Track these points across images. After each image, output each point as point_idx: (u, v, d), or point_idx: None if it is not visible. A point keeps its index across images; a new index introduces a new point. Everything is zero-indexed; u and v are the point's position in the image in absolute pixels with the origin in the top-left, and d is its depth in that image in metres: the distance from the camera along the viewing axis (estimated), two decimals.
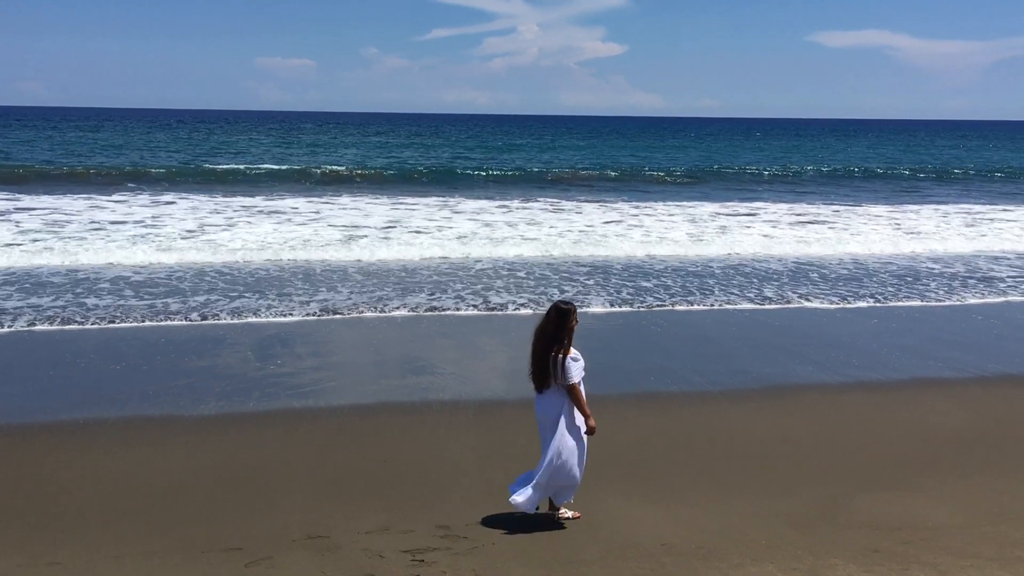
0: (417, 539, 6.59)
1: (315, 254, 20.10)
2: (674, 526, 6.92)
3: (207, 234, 22.93)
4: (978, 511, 7.30)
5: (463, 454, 8.52)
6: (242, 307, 14.72)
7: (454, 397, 10.38)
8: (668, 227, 26.14)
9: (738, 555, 6.38)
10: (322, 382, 10.84)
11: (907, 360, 12.28)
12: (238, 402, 10.05)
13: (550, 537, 6.69)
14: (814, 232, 25.83)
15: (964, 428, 9.49)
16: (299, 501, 7.34)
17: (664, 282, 17.77)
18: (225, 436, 9.00)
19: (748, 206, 33.18)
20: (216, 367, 11.42)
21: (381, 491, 7.58)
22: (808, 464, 8.37)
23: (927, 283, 18.29)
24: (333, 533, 6.71)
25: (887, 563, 6.25)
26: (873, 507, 7.35)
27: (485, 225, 26.06)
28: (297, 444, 8.76)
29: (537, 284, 17.30)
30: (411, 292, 16.21)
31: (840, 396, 10.65)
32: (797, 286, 17.52)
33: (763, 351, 12.65)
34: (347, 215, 27.98)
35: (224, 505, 7.26)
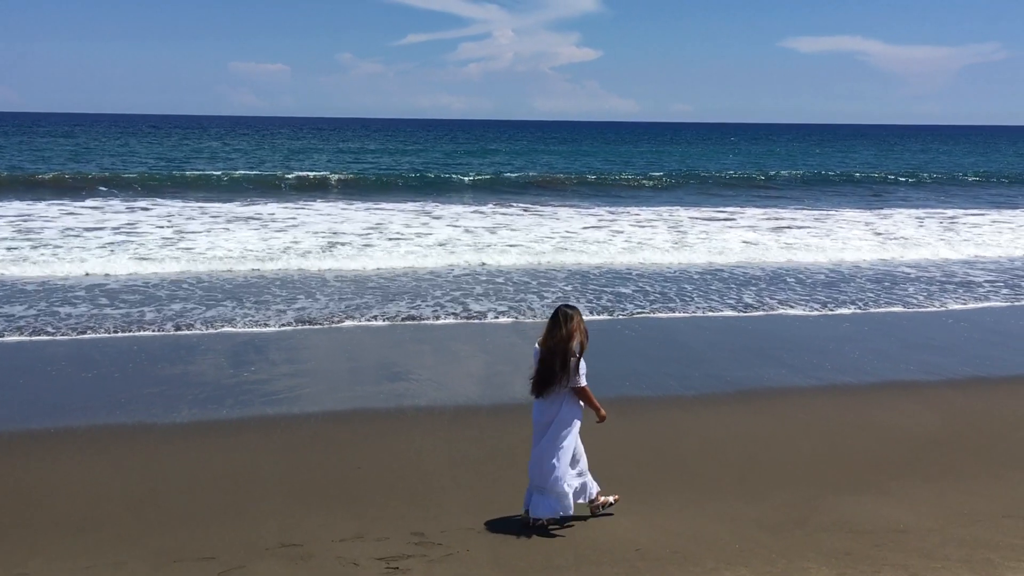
0: (391, 546, 6.57)
1: (296, 263, 19.70)
2: (648, 531, 6.94)
3: (186, 241, 22.65)
4: (948, 513, 7.37)
5: (438, 460, 8.50)
6: (218, 316, 14.60)
7: (429, 403, 10.36)
8: (649, 234, 26.11)
9: (712, 559, 6.41)
10: (296, 389, 10.78)
11: (879, 364, 12.38)
12: (211, 409, 9.98)
13: (525, 543, 6.69)
14: (793, 237, 25.90)
15: (935, 431, 9.59)
16: (272, 509, 7.29)
17: (643, 287, 17.81)
18: (197, 444, 8.93)
19: (725, 211, 33.34)
20: (189, 375, 11.34)
21: (355, 498, 7.55)
22: (781, 468, 8.43)
23: (905, 287, 18.40)
24: (307, 541, 6.67)
25: (858, 565, 6.30)
26: (845, 510, 7.40)
27: (466, 231, 25.95)
28: (270, 451, 8.71)
29: (517, 291, 17.29)
30: (391, 300, 16.07)
31: (813, 400, 10.72)
32: (775, 292, 17.58)
33: (738, 356, 12.71)
34: (325, 221, 27.80)
35: (196, 514, 7.21)
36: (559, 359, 6.84)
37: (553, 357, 6.86)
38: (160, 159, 56.38)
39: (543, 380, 6.92)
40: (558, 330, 6.87)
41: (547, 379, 6.90)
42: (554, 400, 6.96)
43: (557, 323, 6.91)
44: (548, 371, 6.88)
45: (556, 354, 6.85)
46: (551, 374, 6.87)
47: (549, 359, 6.88)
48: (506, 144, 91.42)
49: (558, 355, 6.84)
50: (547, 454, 6.94)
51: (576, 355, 6.87)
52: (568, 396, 6.98)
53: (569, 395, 6.98)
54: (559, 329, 6.87)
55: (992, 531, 7.00)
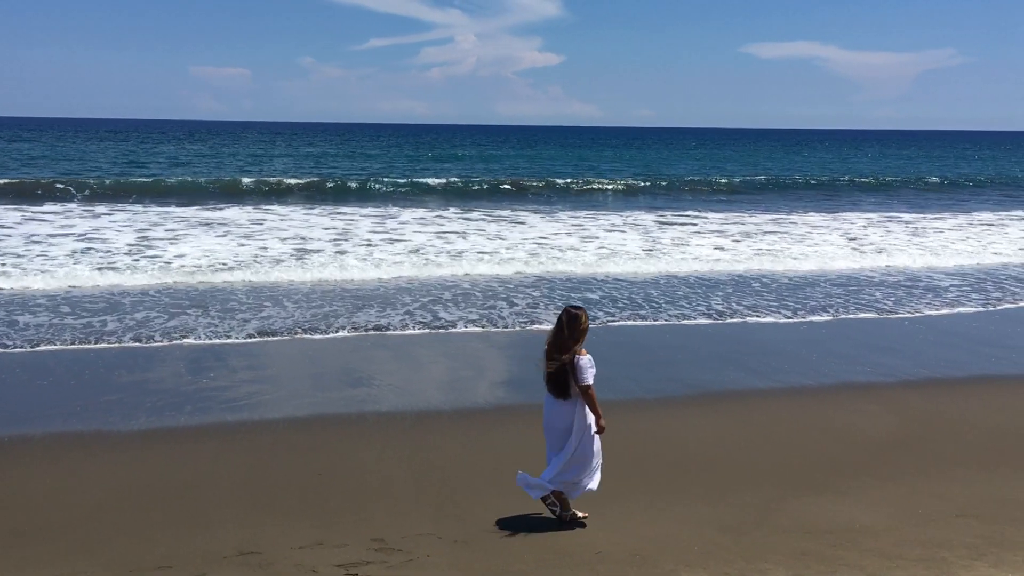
0: (351, 553, 6.53)
1: (270, 274, 19.01)
2: (609, 534, 6.97)
3: (153, 249, 22.19)
4: (904, 513, 7.48)
5: (399, 466, 8.47)
6: (180, 325, 14.43)
7: (391, 409, 10.32)
8: (620, 239, 26.11)
9: (672, 561, 6.45)
10: (257, 395, 10.70)
11: (838, 366, 12.53)
12: (169, 417, 9.87)
13: (485, 548, 6.69)
14: (761, 243, 25.96)
15: (891, 431, 9.72)
16: (231, 517, 7.23)
17: (610, 293, 17.87)
18: (155, 452, 8.82)
19: (686, 215, 33.56)
20: (148, 382, 11.21)
21: (315, 505, 7.51)
22: (741, 470, 8.50)
23: (872, 293, 18.53)
24: (266, 549, 6.62)
25: (816, 566, 6.37)
26: (803, 511, 7.49)
27: (438, 236, 25.79)
28: (230, 458, 8.63)
29: (486, 299, 17.25)
30: (360, 309, 15.80)
31: (773, 402, 10.83)
32: (743, 297, 17.60)
33: (700, 359, 12.81)
34: (291, 227, 27.53)
35: (154, 522, 7.12)
36: (563, 359, 6.92)
37: (555, 357, 6.95)
38: (119, 164, 55.59)
39: (558, 381, 6.99)
40: (564, 330, 6.98)
41: (561, 380, 6.96)
42: (568, 403, 7.01)
43: (561, 323, 7.03)
44: (557, 372, 6.96)
45: (559, 354, 6.94)
46: (561, 374, 6.95)
47: (552, 359, 6.97)
48: (469, 149, 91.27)
49: (560, 354, 6.93)
50: (586, 458, 7.04)
51: (573, 354, 6.91)
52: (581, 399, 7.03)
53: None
54: (563, 330, 6.98)
55: (946, 530, 7.11)
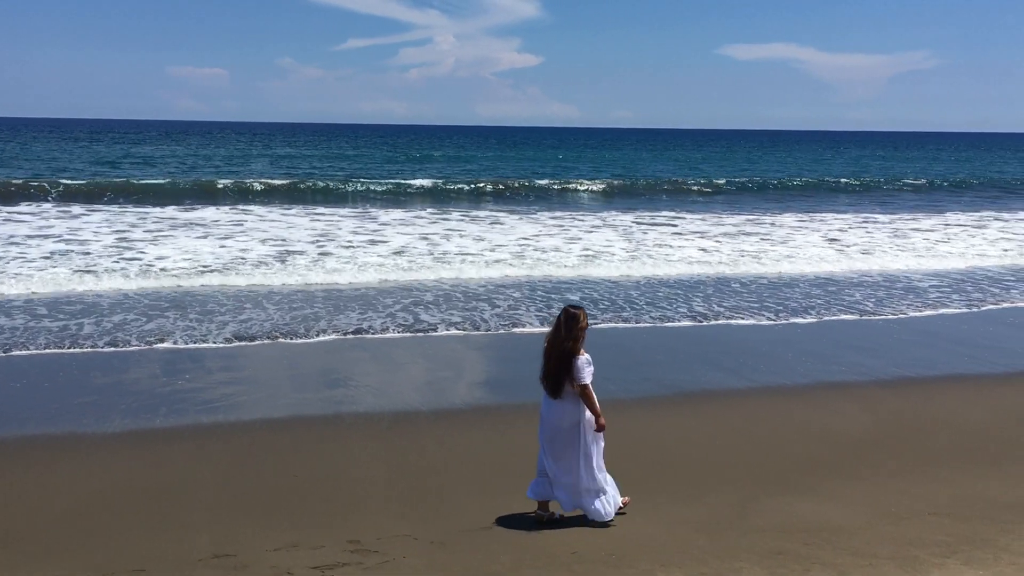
0: (327, 555, 6.51)
1: (253, 276, 18.77)
2: (585, 534, 6.98)
3: (133, 250, 21.95)
4: (877, 511, 7.53)
5: (376, 467, 8.46)
6: (158, 328, 14.32)
7: (369, 410, 10.30)
8: (602, 240, 26.08)
9: (647, 561, 6.46)
10: (233, 397, 10.65)
11: (813, 365, 12.62)
12: (144, 419, 9.80)
13: (462, 548, 6.68)
14: (744, 245, 25.83)
15: (865, 430, 9.80)
16: (206, 519, 7.19)
17: (589, 294, 17.90)
18: (130, 454, 8.76)
19: (669, 217, 33.61)
20: (123, 384, 11.14)
21: (291, 507, 7.48)
22: (716, 469, 8.54)
23: (852, 293, 18.59)
24: (241, 551, 6.58)
25: (790, 564, 6.40)
26: (778, 510, 7.53)
27: (421, 238, 25.68)
28: (205, 460, 8.58)
29: (468, 300, 17.23)
30: (341, 311, 15.65)
31: (748, 401, 10.89)
32: (724, 298, 17.57)
33: (678, 360, 12.86)
34: (271, 228, 27.36)
35: (128, 525, 7.07)
36: (559, 358, 7.02)
37: (555, 356, 7.05)
38: (95, 164, 55.08)
39: (553, 379, 7.08)
40: (560, 330, 7.08)
41: (556, 378, 7.06)
42: (571, 403, 7.11)
43: (559, 323, 7.12)
44: (553, 370, 7.06)
45: (559, 353, 7.03)
46: (557, 373, 7.04)
47: (551, 358, 7.08)
48: (449, 150, 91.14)
49: (558, 354, 7.03)
50: (583, 458, 7.12)
51: (571, 353, 6.99)
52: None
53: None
54: (561, 329, 7.08)
55: (919, 528, 7.17)
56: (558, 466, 7.18)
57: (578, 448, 7.15)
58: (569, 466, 7.16)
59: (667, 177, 54.54)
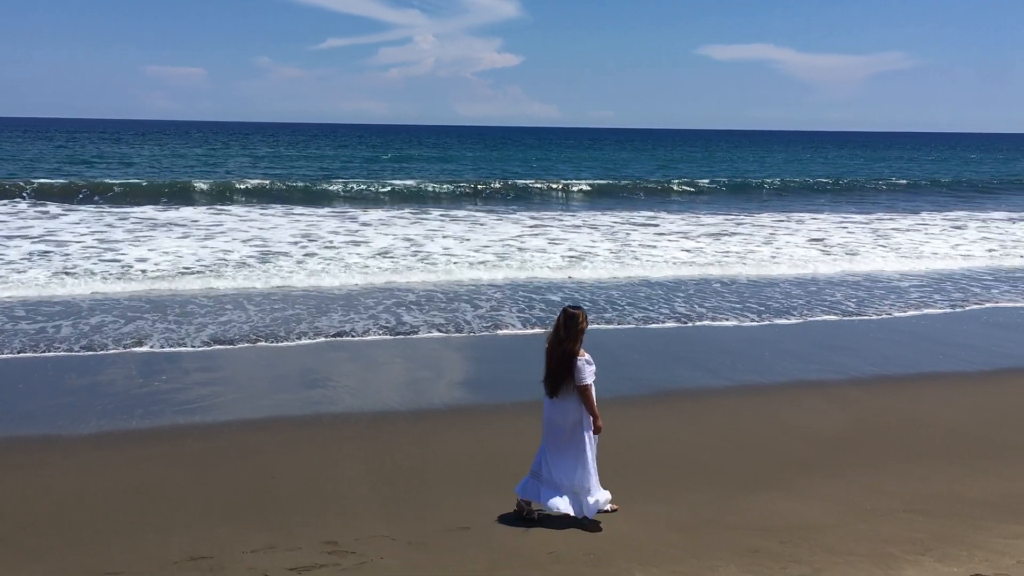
0: (304, 556, 6.48)
1: (236, 279, 18.45)
2: (563, 534, 6.99)
3: (113, 251, 21.65)
4: (853, 509, 7.59)
5: (353, 468, 8.43)
6: (136, 330, 14.20)
7: (347, 410, 10.27)
8: (587, 241, 26.01)
9: (625, 560, 6.49)
10: (209, 398, 10.59)
11: (790, 364, 12.71)
12: (120, 420, 9.73)
13: (439, 549, 6.68)
14: (727, 247, 25.77)
15: (841, 428, 9.87)
16: (182, 521, 7.14)
17: (572, 296, 17.90)
18: (105, 456, 8.70)
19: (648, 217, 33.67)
20: (99, 385, 11.05)
21: (268, 508, 7.44)
22: (693, 468, 8.57)
23: (833, 293, 18.65)
24: (217, 553, 6.55)
25: (766, 563, 6.44)
26: (755, 508, 7.57)
27: (404, 239, 25.52)
28: (182, 462, 8.53)
29: (450, 302, 17.17)
30: (324, 313, 15.52)
31: (725, 400, 10.95)
32: (704, 299, 17.55)
33: (657, 359, 12.90)
34: (251, 228, 27.13)
35: (103, 528, 7.01)
36: (560, 359, 7.11)
37: (555, 357, 7.15)
38: (71, 164, 54.54)
39: (553, 379, 7.18)
40: (560, 331, 7.17)
41: (556, 379, 7.15)
42: (569, 400, 7.18)
43: (559, 324, 7.22)
44: (554, 371, 7.16)
45: (557, 354, 7.14)
46: (558, 374, 7.13)
47: (552, 359, 7.18)
48: (429, 150, 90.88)
49: (559, 355, 7.12)
50: (579, 458, 7.19)
51: (571, 354, 7.09)
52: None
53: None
54: (561, 330, 7.17)
55: (894, 525, 7.23)
56: (556, 466, 7.21)
57: (577, 447, 7.22)
58: (567, 465, 7.20)
59: (647, 177, 54.59)
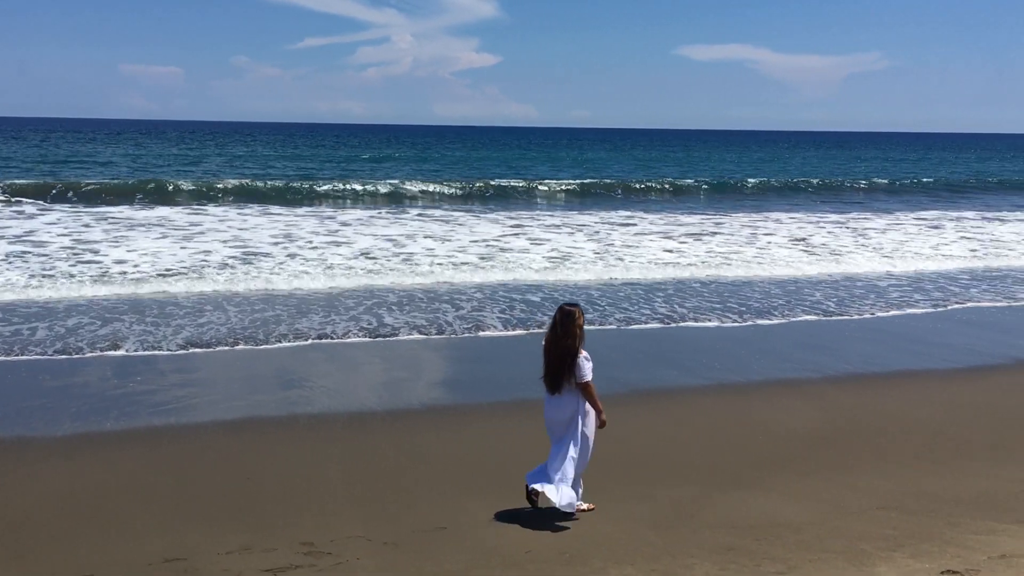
0: (279, 557, 6.46)
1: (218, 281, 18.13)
2: (538, 533, 7.01)
3: (92, 253, 21.38)
4: (827, 506, 7.65)
5: (330, 468, 8.41)
6: (112, 332, 14.10)
7: (323, 411, 10.25)
8: (568, 241, 25.94)
9: (600, 559, 6.51)
10: (185, 399, 10.54)
11: (766, 363, 12.78)
12: (95, 422, 9.67)
13: (415, 549, 6.67)
14: (709, 247, 25.70)
15: (815, 426, 9.94)
16: (157, 523, 7.10)
17: (552, 296, 17.93)
18: (79, 458, 8.63)
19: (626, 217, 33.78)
20: (72, 387, 10.98)
21: (244, 509, 7.42)
22: (669, 466, 8.61)
23: (812, 293, 18.71)
24: (192, 555, 6.51)
25: (740, 560, 6.48)
26: (729, 506, 7.61)
27: (387, 240, 25.39)
28: (156, 464, 8.48)
29: (431, 302, 17.13)
30: (304, 315, 15.40)
31: (701, 398, 11.00)
32: (684, 300, 17.51)
33: (633, 358, 12.93)
34: (230, 229, 26.95)
35: (76, 531, 6.96)
36: (559, 356, 7.22)
37: (553, 354, 7.26)
38: (45, 163, 53.91)
39: (553, 377, 7.29)
40: (557, 328, 7.28)
41: (556, 376, 7.26)
42: (568, 396, 7.30)
43: (556, 322, 7.32)
44: (553, 368, 7.27)
45: (556, 351, 7.25)
46: (557, 371, 7.25)
47: (550, 356, 7.29)
48: (406, 149, 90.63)
49: (558, 352, 7.24)
50: (570, 450, 7.30)
51: (570, 352, 7.19)
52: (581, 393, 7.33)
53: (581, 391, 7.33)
54: (558, 327, 7.28)
55: (868, 523, 7.29)
56: (552, 458, 7.37)
57: (570, 440, 7.34)
58: (560, 453, 7.34)
59: (626, 177, 54.52)
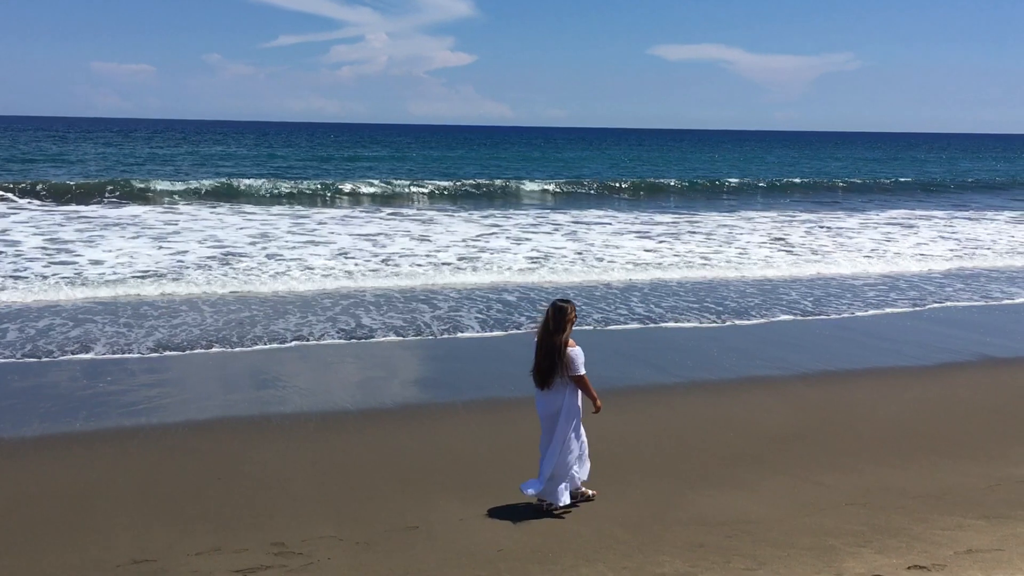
0: (250, 558, 6.44)
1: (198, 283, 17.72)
2: (510, 531, 7.02)
3: (66, 253, 21.09)
4: (796, 503, 7.71)
5: (302, 468, 8.39)
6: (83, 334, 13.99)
7: (296, 411, 10.21)
8: (547, 242, 25.87)
9: (572, 557, 6.53)
10: (156, 400, 10.46)
11: (738, 361, 12.86)
12: (64, 423, 9.58)
13: (387, 549, 6.67)
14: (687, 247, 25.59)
15: (787, 424, 10.02)
16: (126, 524, 7.05)
17: (529, 296, 17.93)
18: (48, 458, 8.56)
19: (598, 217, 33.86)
20: (42, 387, 10.87)
21: (214, 510, 7.37)
22: (640, 464, 8.64)
23: (787, 292, 18.77)
24: (161, 556, 6.47)
25: (711, 557, 6.53)
26: (700, 504, 7.66)
27: (366, 239, 25.25)
28: (126, 464, 8.42)
29: (407, 302, 17.10)
30: (280, 316, 15.26)
31: (673, 396, 11.06)
32: (661, 299, 17.49)
33: (605, 356, 12.96)
34: (206, 228, 26.72)
35: (44, 532, 6.89)
36: (550, 351, 7.31)
37: (544, 349, 7.34)
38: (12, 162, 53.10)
39: (543, 372, 7.37)
40: (549, 323, 7.37)
41: (547, 371, 7.35)
42: (558, 391, 7.41)
43: (548, 317, 7.41)
44: (545, 363, 7.35)
45: (547, 346, 7.33)
46: (549, 366, 7.33)
47: (542, 351, 7.36)
48: (381, 149, 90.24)
49: (549, 347, 7.32)
50: (565, 444, 7.42)
51: (561, 346, 7.30)
52: (571, 386, 7.44)
53: (572, 385, 7.39)
54: (550, 323, 7.36)
55: (836, 519, 7.36)
56: (545, 455, 7.48)
57: (562, 433, 7.43)
58: (553, 451, 7.42)
59: (601, 177, 54.45)
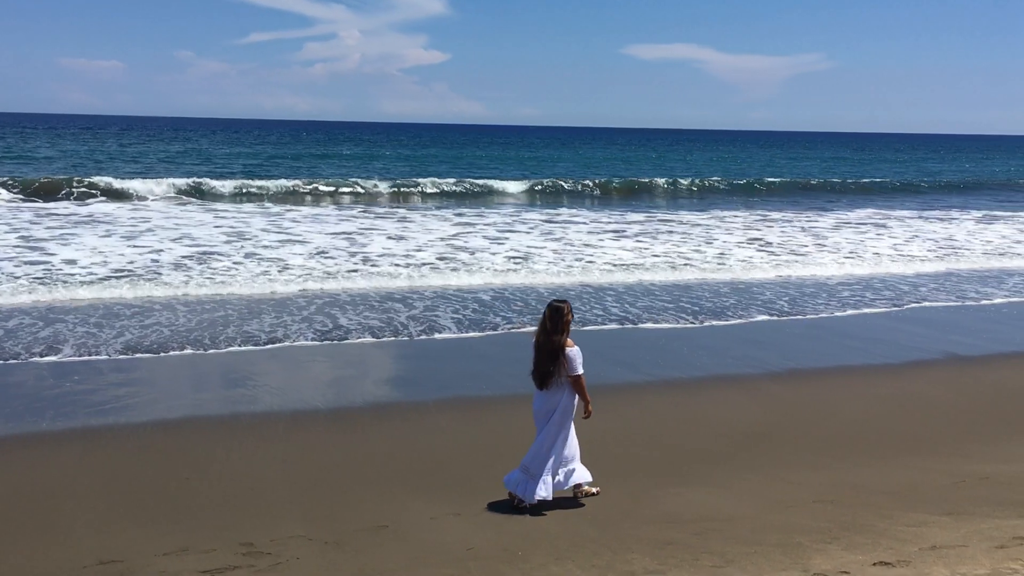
0: (217, 558, 6.39)
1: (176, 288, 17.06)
2: (480, 530, 7.02)
3: (37, 251, 20.68)
4: (765, 501, 7.77)
5: (271, 468, 8.34)
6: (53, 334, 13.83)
7: (265, 410, 10.15)
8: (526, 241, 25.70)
9: (541, 555, 6.54)
10: (124, 399, 10.36)
11: (708, 359, 12.94)
12: (29, 422, 9.46)
13: (356, 548, 6.64)
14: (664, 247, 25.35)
15: (756, 422, 10.09)
16: (92, 525, 6.98)
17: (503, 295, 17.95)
18: (10, 459, 8.46)
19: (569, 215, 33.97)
20: (7, 387, 10.74)
21: (182, 510, 7.32)
22: (609, 462, 8.64)
23: (762, 291, 18.82)
24: (127, 557, 6.41)
25: (679, 554, 6.56)
26: (670, 501, 7.70)
27: (344, 238, 25.04)
28: (92, 464, 8.33)
29: (383, 302, 17.04)
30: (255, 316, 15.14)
31: (643, 394, 11.10)
32: (636, 300, 17.48)
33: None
34: (178, 226, 26.37)
35: (7, 533, 6.81)
36: (549, 352, 7.39)
37: (544, 350, 7.41)
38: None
39: (542, 372, 7.45)
40: (547, 324, 7.44)
41: (545, 371, 7.42)
42: (556, 390, 7.48)
43: (545, 318, 7.48)
44: (543, 363, 7.43)
45: (546, 347, 7.40)
46: (547, 366, 7.41)
47: (541, 352, 7.44)
48: (354, 147, 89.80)
49: (548, 348, 7.39)
50: (548, 441, 7.48)
51: (559, 346, 7.36)
52: (569, 386, 7.51)
53: (569, 386, 7.50)
54: (547, 323, 7.43)
55: (804, 516, 7.42)
56: (538, 454, 7.50)
57: (558, 432, 7.51)
58: (549, 448, 7.48)
59: (575, 176, 54.30)
